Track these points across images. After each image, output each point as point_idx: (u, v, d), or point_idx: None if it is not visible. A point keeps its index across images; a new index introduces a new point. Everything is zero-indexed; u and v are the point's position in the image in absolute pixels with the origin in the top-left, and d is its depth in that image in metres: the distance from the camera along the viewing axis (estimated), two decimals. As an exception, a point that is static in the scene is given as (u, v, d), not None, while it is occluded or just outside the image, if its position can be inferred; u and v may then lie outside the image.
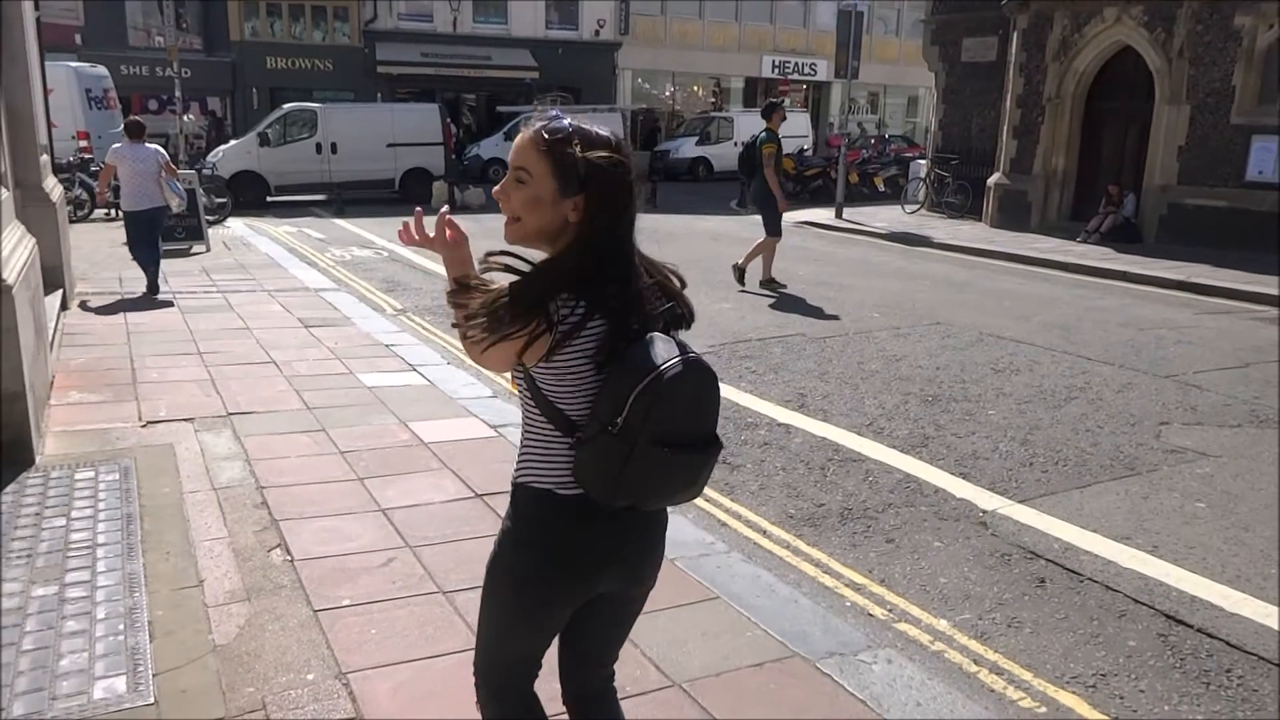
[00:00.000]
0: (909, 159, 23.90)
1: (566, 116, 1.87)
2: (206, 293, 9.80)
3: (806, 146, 26.76)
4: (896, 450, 5.65)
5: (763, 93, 36.50)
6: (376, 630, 3.38)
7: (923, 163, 20.91)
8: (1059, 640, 3.61)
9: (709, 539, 4.28)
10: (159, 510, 4.34)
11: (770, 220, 10.82)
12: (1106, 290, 11.62)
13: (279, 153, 20.12)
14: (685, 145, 29.42)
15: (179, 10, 21.27)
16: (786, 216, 10.99)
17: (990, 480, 5.20)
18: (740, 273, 10.96)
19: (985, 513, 4.78)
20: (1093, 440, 5.86)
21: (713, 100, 35.83)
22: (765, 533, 4.53)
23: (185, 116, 22.28)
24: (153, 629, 3.32)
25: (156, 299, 9.32)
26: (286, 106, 21.35)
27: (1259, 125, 13.91)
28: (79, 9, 23.82)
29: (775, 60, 35.54)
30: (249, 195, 19.08)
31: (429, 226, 1.96)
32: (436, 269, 10.58)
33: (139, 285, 9.55)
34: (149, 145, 9.75)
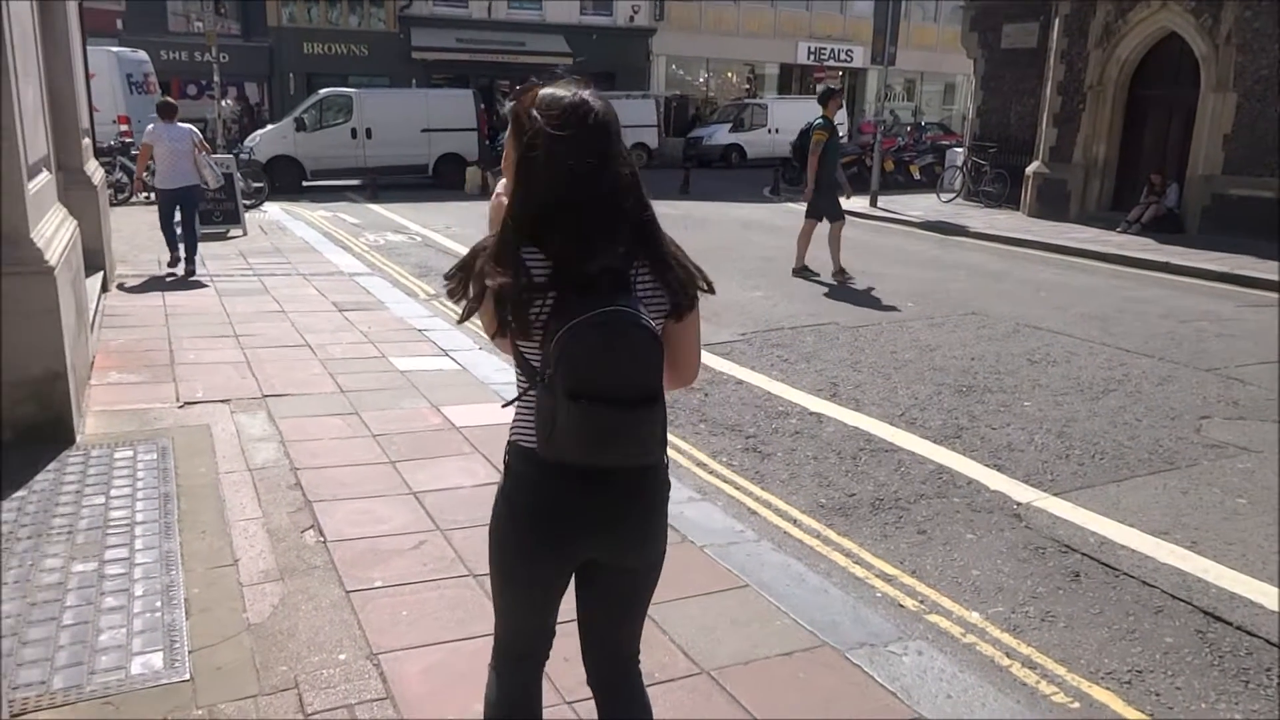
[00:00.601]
0: (945, 147, 23.58)
1: (556, 83, 1.83)
2: (243, 276, 9.91)
3: (841, 134, 26.47)
4: (929, 441, 5.60)
5: (798, 79, 36.21)
6: (407, 612, 3.41)
7: (959, 151, 20.62)
8: (1093, 635, 3.56)
9: (738, 527, 4.27)
10: (195, 490, 4.40)
11: (823, 205, 10.65)
12: (1147, 281, 11.41)
13: (315, 138, 20.28)
14: (719, 132, 29.27)
15: (217, -4, 21.47)
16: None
17: (1025, 472, 5.14)
18: (804, 271, 10.83)
19: (1019, 505, 4.72)
20: (1131, 433, 5.77)
21: (747, 87, 35.58)
22: (796, 522, 4.51)
23: (223, 102, 22.50)
24: (189, 606, 3.37)
25: (191, 279, 9.51)
26: (322, 92, 21.50)
27: (1308, 113, 13.58)
28: (120, -6, 24.14)
29: (811, 46, 35.19)
30: (285, 180, 19.26)
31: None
32: (469, 254, 10.63)
33: (177, 269, 9.72)
34: (182, 125, 9.93)
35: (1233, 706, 3.16)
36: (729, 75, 35.66)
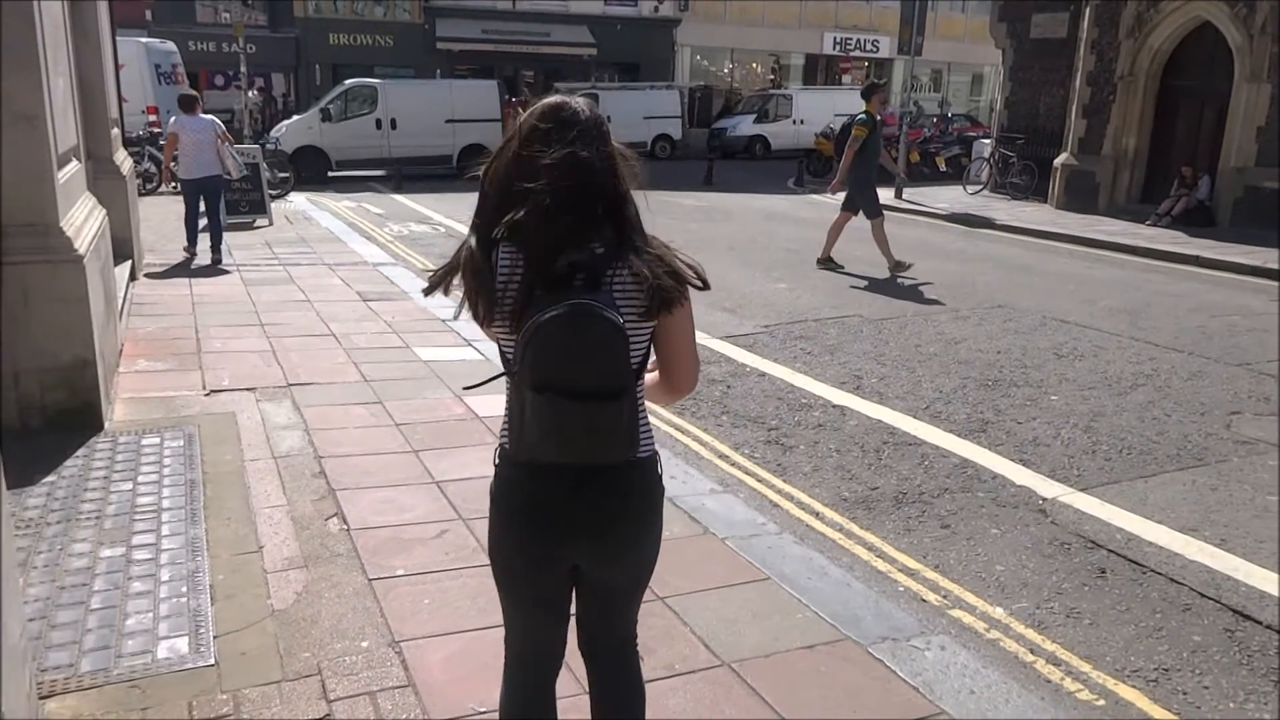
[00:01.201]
0: (972, 138, 23.34)
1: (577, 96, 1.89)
2: (269, 265, 9.98)
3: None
4: (954, 435, 5.55)
5: (823, 70, 35.93)
6: (429, 600, 3.42)
7: (986, 142, 20.40)
8: (1120, 632, 3.52)
9: (760, 520, 4.25)
10: (221, 477, 4.44)
11: (861, 200, 10.54)
12: (1177, 275, 11.26)
13: (340, 128, 20.40)
14: (743, 123, 29.13)
15: (245, -13, 21.59)
16: (844, 196, 10.81)
17: (1051, 467, 5.09)
18: (829, 262, 10.75)
19: (1045, 500, 4.67)
20: (1159, 429, 5.69)
21: (771, 78, 35.38)
22: (818, 515, 4.49)
23: (249, 92, 22.65)
24: (214, 592, 3.40)
25: (218, 267, 9.64)
26: (348, 82, 21.60)
27: (1345, 105, 13.32)
28: (149, -15, 24.34)
29: (837, 37, 34.92)
30: (311, 170, 19.38)
31: None
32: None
33: (204, 257, 9.83)
34: (205, 116, 10.06)
35: (1261, 706, 3.11)
36: (754, 66, 35.48)
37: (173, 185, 12.47)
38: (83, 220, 5.27)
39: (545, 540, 1.92)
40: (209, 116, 10.12)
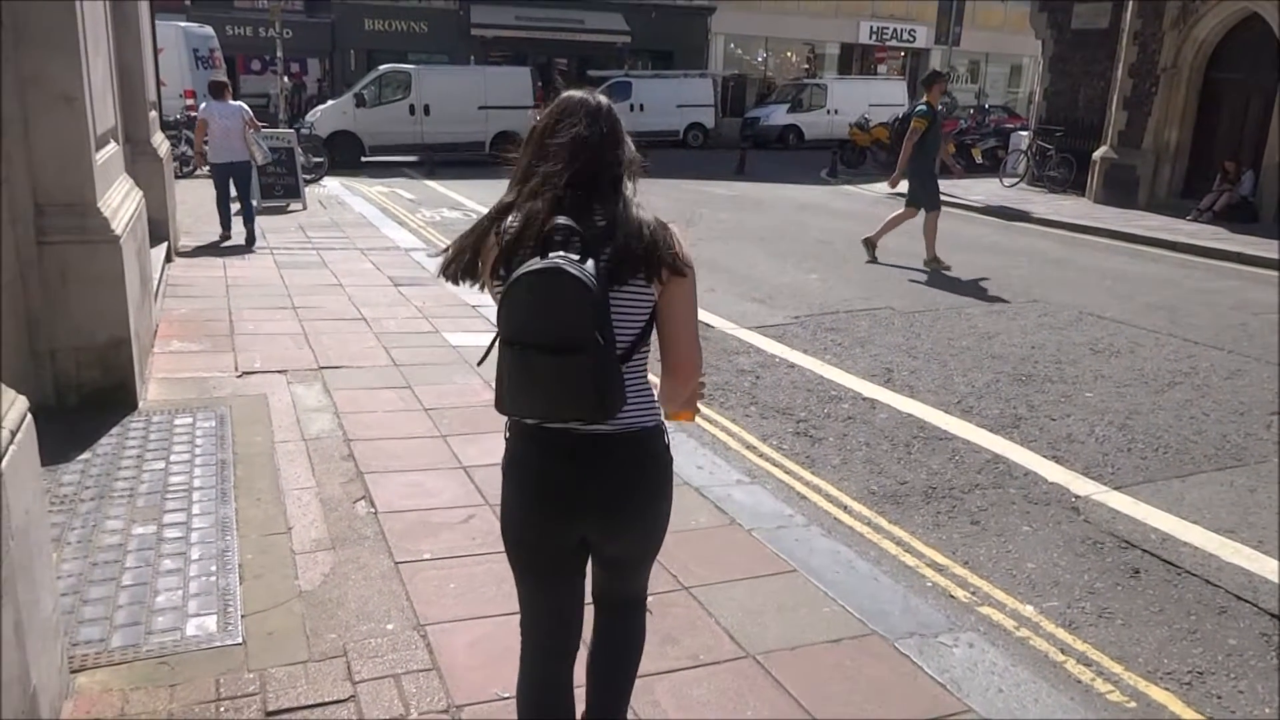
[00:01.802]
0: (1009, 130, 23.00)
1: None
2: (302, 249, 10.06)
3: (902, 115, 25.95)
4: (986, 430, 5.48)
5: (858, 59, 35.58)
6: (455, 585, 3.43)
7: (1024, 134, 20.10)
8: (1153, 634, 3.46)
9: (787, 511, 4.22)
10: (251, 458, 4.48)
11: (922, 195, 10.35)
12: (1217, 272, 11.04)
13: (374, 114, 20.49)
14: (776, 112, 28.90)
15: (282, -28, 21.68)
16: (877, 189, 10.68)
17: (1085, 465, 5.01)
18: (871, 247, 10.65)
19: (1078, 498, 4.60)
20: (1197, 428, 5.59)
21: (806, 67, 35.08)
22: (846, 508, 4.45)
23: (284, 78, 22.80)
24: (243, 572, 3.43)
25: (251, 247, 9.80)
26: (382, 68, 21.68)
27: (1397, 99, 12.97)
28: (189, -30, 24.54)
29: (873, 26, 34.54)
30: (345, 155, 19.46)
31: None
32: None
33: (238, 239, 9.93)
34: (233, 102, 10.23)
35: (1299, 713, 3.05)
36: (788, 55, 35.19)
37: (207, 169, 12.63)
38: (120, 201, 5.32)
39: (551, 510, 2.01)
40: (237, 103, 10.30)
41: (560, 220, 1.85)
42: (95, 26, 5.21)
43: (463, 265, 1.99)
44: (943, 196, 10.69)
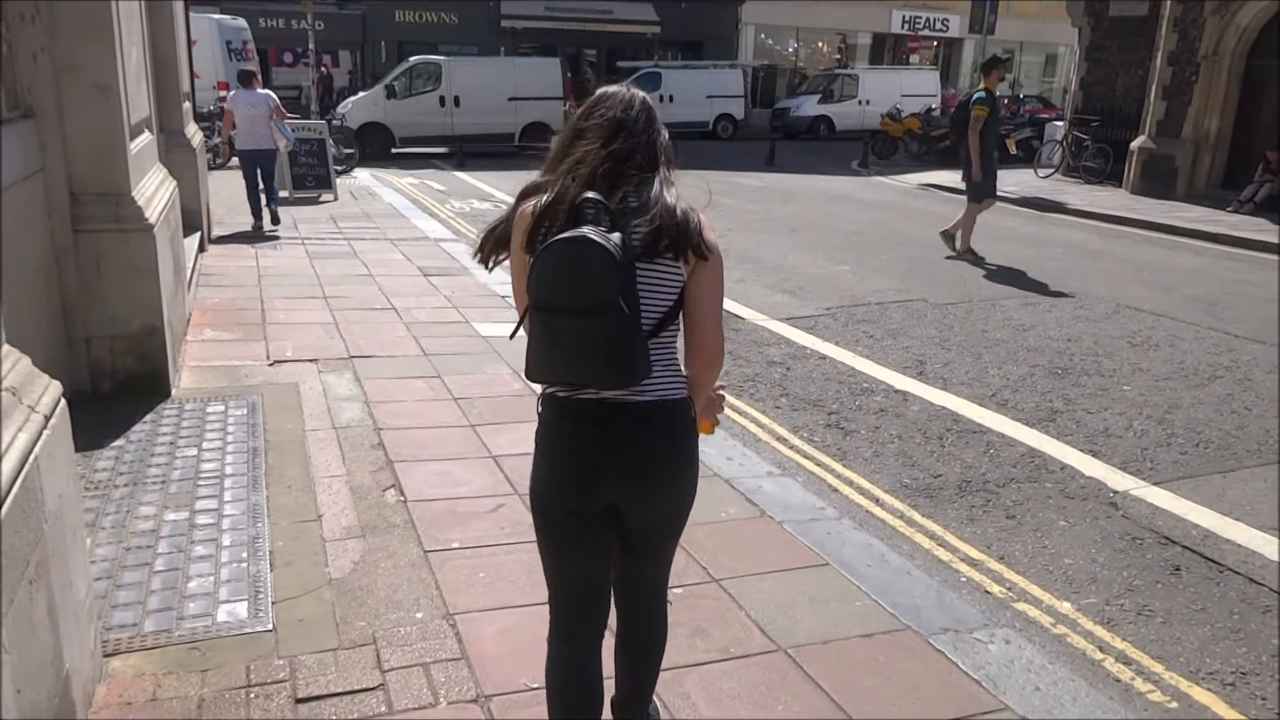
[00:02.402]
0: (1044, 120, 22.66)
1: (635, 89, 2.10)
2: (333, 239, 10.11)
3: (934, 106, 25.69)
4: (1021, 423, 5.39)
5: (890, 49, 35.21)
6: (484, 574, 3.42)
7: (1059, 125, 19.79)
8: (1194, 633, 3.38)
9: (819, 504, 4.17)
10: (282, 446, 4.49)
11: (974, 185, 10.14)
12: (1259, 264, 10.80)
13: (404, 105, 20.54)
14: (807, 103, 28.68)
15: (314, -36, 21.79)
16: (910, 178, 10.53)
17: (1123, 459, 4.91)
18: (951, 239, 10.49)
19: (1116, 493, 4.51)
20: (1239, 422, 5.46)
21: (838, 57, 34.77)
22: (878, 501, 4.39)
23: (322, 68, 22.93)
24: (273, 559, 3.44)
25: (271, 234, 9.94)
26: (413, 59, 21.73)
27: None
28: (222, -37, 24.70)
29: (905, 15, 34.18)
30: (375, 146, 19.56)
31: None
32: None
33: (271, 228, 10.00)
34: (260, 90, 10.31)
35: (1347, 715, 2.96)
36: (819, 45, 34.91)
37: (234, 160, 12.78)
38: (153, 190, 5.36)
39: (580, 474, 2.04)
40: (265, 91, 10.37)
41: (590, 195, 1.92)
42: (130, 17, 5.24)
43: (495, 237, 2.11)
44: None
